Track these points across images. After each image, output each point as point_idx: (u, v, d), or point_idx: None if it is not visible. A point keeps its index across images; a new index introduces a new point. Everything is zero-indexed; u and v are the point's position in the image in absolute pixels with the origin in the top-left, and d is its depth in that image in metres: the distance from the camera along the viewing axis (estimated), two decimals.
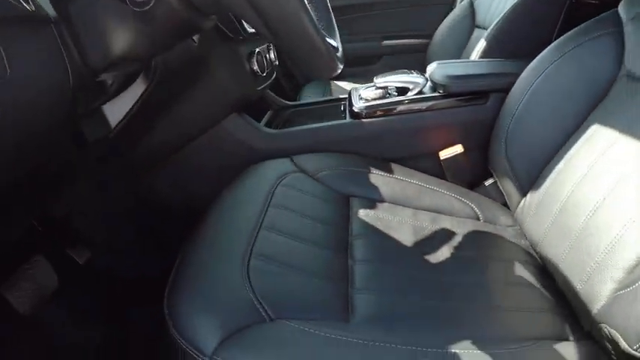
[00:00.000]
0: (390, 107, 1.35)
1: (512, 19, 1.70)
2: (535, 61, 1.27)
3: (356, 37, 2.48)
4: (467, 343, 0.80)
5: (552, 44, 1.27)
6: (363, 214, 1.14)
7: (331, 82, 2.18)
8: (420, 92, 1.37)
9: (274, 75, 1.59)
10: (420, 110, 1.35)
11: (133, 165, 1.29)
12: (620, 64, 1.15)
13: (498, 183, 1.30)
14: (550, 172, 1.14)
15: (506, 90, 1.30)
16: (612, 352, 0.83)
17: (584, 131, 1.12)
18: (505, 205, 1.30)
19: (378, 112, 1.36)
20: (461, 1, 2.37)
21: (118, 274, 1.31)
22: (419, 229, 1.12)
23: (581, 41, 1.20)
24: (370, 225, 1.12)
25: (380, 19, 2.51)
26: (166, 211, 1.41)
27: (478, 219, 1.22)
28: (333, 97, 1.69)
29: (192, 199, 1.30)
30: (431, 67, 1.41)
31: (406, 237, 1.09)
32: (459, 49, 2.20)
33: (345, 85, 2.18)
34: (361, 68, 2.47)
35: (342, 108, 1.54)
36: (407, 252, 1.05)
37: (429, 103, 1.35)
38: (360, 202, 1.19)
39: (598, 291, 0.88)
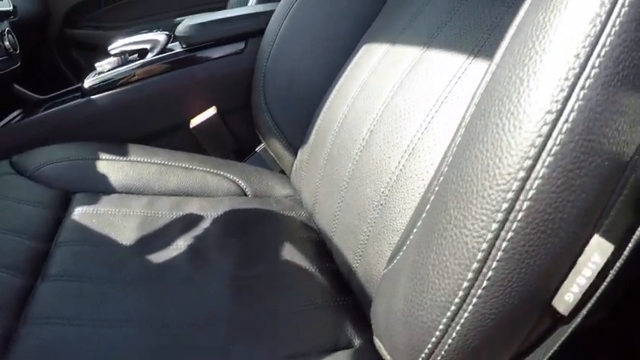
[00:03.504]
0: (124, 76, 1.05)
1: None
2: None
3: (146, 18, 2.15)
4: None
5: None
6: (80, 212, 0.84)
7: None
8: (165, 51, 1.07)
9: (18, 63, 1.24)
10: (159, 73, 1.05)
11: None
12: None
13: (266, 146, 1.03)
14: (318, 116, 0.88)
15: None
16: None
17: (352, 60, 0.87)
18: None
19: (114, 85, 1.05)
20: None
21: None
22: (151, 221, 0.82)
23: None
24: (83, 226, 0.81)
25: None
26: None
27: (244, 194, 0.94)
28: None
29: None
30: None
31: (128, 235, 0.79)
32: None
33: None
34: None
35: None
36: (122, 256, 0.76)
37: (169, 62, 1.05)
38: (83, 198, 0.88)
39: (375, 267, 0.62)
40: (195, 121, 1.05)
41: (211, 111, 1.05)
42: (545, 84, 0.34)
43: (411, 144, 0.61)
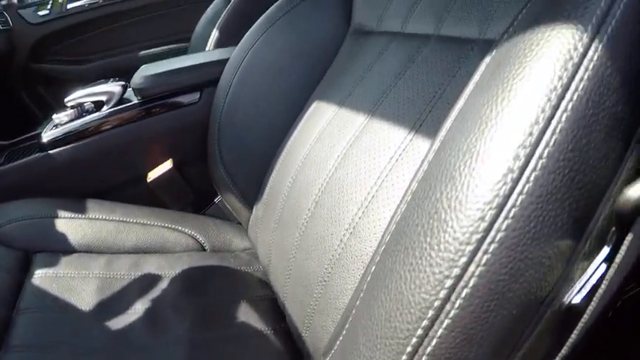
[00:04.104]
0: (82, 129, 1.05)
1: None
2: (246, 34, 1.01)
3: (111, 51, 2.15)
4: None
5: (269, 9, 1.02)
6: (40, 275, 0.85)
7: None
8: (121, 102, 1.08)
9: None
10: (116, 126, 1.05)
11: None
12: (349, 21, 0.94)
13: (222, 199, 1.03)
14: (270, 175, 0.89)
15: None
16: None
17: (301, 118, 0.88)
18: None
19: (72, 138, 1.05)
20: None
21: None
22: (109, 283, 0.84)
23: (297, 1, 0.98)
24: (44, 292, 0.82)
25: (134, 27, 2.18)
26: None
27: (203, 249, 0.96)
28: None
29: None
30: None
31: (88, 299, 0.80)
32: None
33: None
34: None
35: None
36: (83, 323, 0.77)
37: (125, 115, 1.05)
38: (44, 258, 0.89)
39: (321, 341, 0.62)
40: (152, 175, 1.06)
41: (168, 164, 1.06)
42: (446, 246, 0.33)
43: (352, 222, 0.62)
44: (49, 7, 2.12)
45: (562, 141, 0.32)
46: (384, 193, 0.60)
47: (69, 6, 2.12)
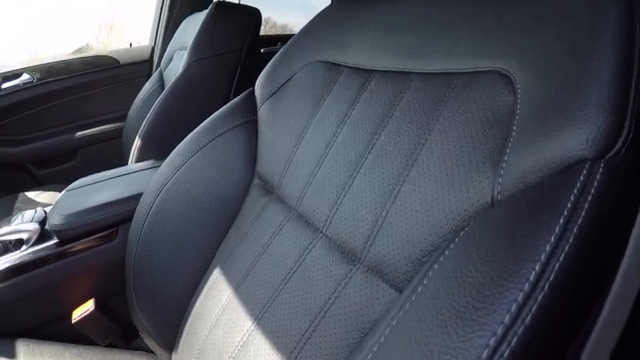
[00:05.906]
0: (5, 270, 1.05)
1: (167, 105, 1.48)
2: (164, 164, 1.01)
3: (48, 131, 2.15)
4: None
5: (188, 137, 1.02)
6: None
7: (23, 193, 1.83)
8: (42, 237, 1.10)
9: None
10: (36, 266, 1.06)
11: None
12: (254, 168, 0.95)
13: (143, 338, 1.04)
14: (183, 331, 0.91)
15: None
16: None
17: (211, 272, 0.90)
18: None
19: None
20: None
21: None
22: None
23: (218, 132, 0.98)
24: None
25: (70, 106, 2.19)
26: None
27: None
28: None
29: None
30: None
31: None
32: None
33: (40, 195, 1.83)
34: (58, 168, 2.15)
35: None
36: None
37: (45, 255, 1.06)
38: None
39: None
40: (76, 315, 1.07)
41: (90, 305, 1.07)
42: None
43: None
44: None
45: None
46: None
47: (3, 85, 2.12)
